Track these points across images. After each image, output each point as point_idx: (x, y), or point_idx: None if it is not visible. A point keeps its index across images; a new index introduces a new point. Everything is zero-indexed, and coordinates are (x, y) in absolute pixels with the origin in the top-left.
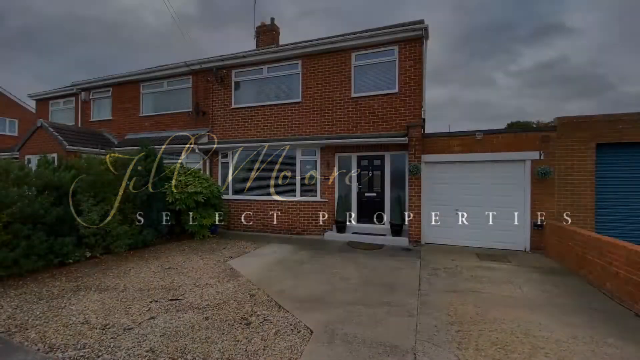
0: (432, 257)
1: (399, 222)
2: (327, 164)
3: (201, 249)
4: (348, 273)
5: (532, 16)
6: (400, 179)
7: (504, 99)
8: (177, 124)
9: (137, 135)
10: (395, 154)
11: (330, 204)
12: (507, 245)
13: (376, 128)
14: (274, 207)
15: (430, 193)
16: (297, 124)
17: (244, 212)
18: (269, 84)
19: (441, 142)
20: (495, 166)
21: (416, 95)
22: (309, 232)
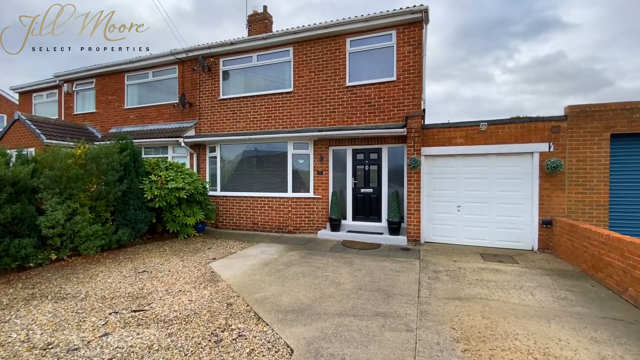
0: (432, 258)
1: (397, 220)
2: (320, 157)
3: (183, 250)
4: (340, 277)
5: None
6: (398, 174)
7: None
8: (163, 117)
9: (122, 129)
10: (393, 146)
11: (323, 200)
12: (513, 244)
13: (372, 119)
14: (264, 204)
15: (430, 188)
16: (288, 116)
17: (233, 210)
18: (258, 73)
19: (442, 134)
20: (500, 159)
21: (415, 83)
22: (301, 231)
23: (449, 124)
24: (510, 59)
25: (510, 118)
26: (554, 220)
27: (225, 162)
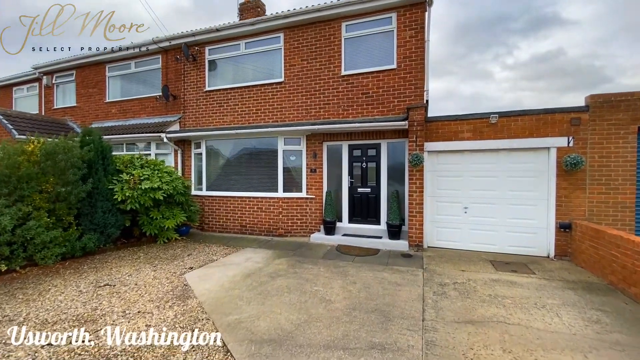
0: (437, 267)
1: (398, 223)
2: (313, 154)
3: (160, 257)
4: (332, 292)
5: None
6: (398, 172)
7: (501, 91)
8: (146, 111)
9: (103, 124)
10: (393, 142)
11: (317, 201)
12: (526, 250)
13: (370, 111)
14: (253, 205)
15: (434, 188)
16: (279, 108)
17: (220, 211)
18: (247, 62)
19: (448, 127)
20: (512, 155)
21: (418, 71)
22: (293, 234)
23: (455, 117)
24: (510, 55)
25: (524, 109)
26: (574, 223)
27: (211, 159)
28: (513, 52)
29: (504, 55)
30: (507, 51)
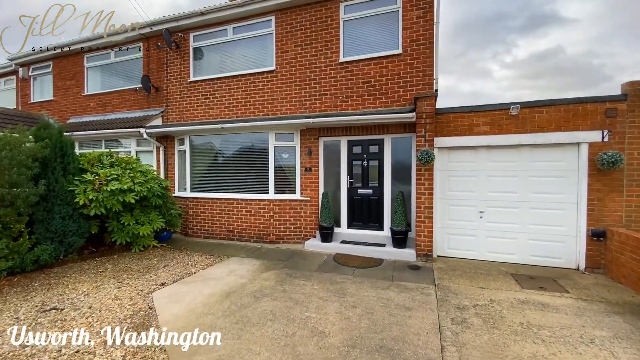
0: (451, 283)
1: (403, 229)
2: (308, 151)
3: (131, 269)
4: (326, 320)
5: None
6: (404, 171)
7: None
8: (127, 104)
9: (81, 119)
10: (398, 137)
11: (312, 203)
12: (552, 261)
13: (373, 102)
14: (241, 208)
15: (444, 189)
16: (270, 100)
17: (205, 214)
18: (235, 49)
19: (461, 120)
20: (536, 152)
21: (426, 57)
22: (285, 240)
23: (469, 108)
24: (509, 54)
25: (551, 99)
26: (609, 231)
27: (195, 157)
28: (512, 51)
29: (503, 53)
30: (505, 49)
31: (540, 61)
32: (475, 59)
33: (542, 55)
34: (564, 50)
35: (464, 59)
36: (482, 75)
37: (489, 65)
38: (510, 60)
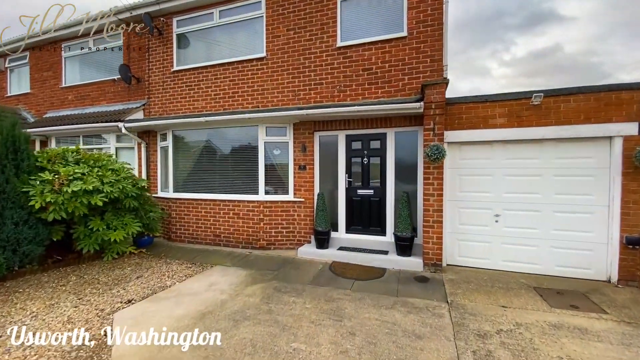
0: (467, 300)
1: (409, 234)
2: (302, 147)
3: (97, 281)
4: (318, 354)
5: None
6: (409, 169)
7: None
8: (106, 97)
9: (59, 113)
10: (402, 131)
11: (307, 205)
12: (579, 272)
13: (374, 92)
14: (228, 210)
15: (455, 190)
16: (260, 90)
17: (189, 217)
18: (222, 35)
19: (474, 111)
20: (561, 147)
21: (435, 39)
22: (277, 246)
23: (484, 97)
24: (507, 52)
25: (579, 86)
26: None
27: (179, 154)
28: (510, 49)
29: (501, 51)
30: (504, 47)
31: (539, 59)
32: (474, 57)
33: (540, 54)
34: (562, 48)
35: (462, 57)
36: (480, 73)
37: (487, 63)
38: (509, 58)
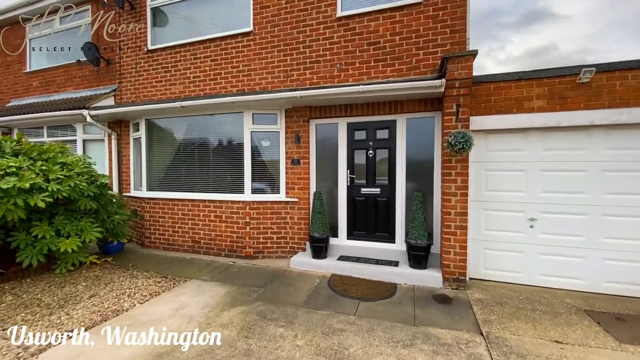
0: (506, 331)
1: (424, 242)
2: (296, 137)
3: (39, 302)
4: None
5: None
6: (424, 164)
7: None
8: (74, 82)
9: (23, 101)
10: (415, 117)
11: (301, 206)
12: (637, 289)
13: (382, 71)
14: (209, 212)
15: (481, 188)
16: (246, 71)
17: (165, 219)
18: (202, 7)
19: (506, 92)
20: (614, 136)
21: (456, 5)
22: (266, 255)
23: (518, 74)
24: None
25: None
26: None
27: (154, 147)
28: (506, 47)
29: (497, 49)
30: (500, 46)
31: (534, 58)
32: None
33: (536, 52)
34: (558, 47)
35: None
36: (476, 71)
37: (483, 62)
38: (505, 57)
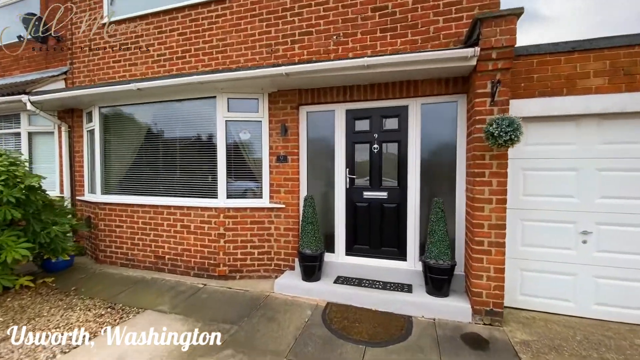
0: None
1: (448, 262)
2: (282, 129)
3: None
4: None
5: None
6: (443, 161)
7: None
8: (20, 64)
9: None
10: (432, 103)
11: (289, 214)
12: None
13: (390, 42)
14: (175, 221)
15: (517, 192)
16: (220, 47)
17: (123, 229)
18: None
19: (553, 68)
20: None
21: None
22: (245, 274)
23: (570, 45)
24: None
25: None
26: None
27: (110, 141)
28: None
29: None
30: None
31: None
32: None
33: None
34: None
35: None
36: None
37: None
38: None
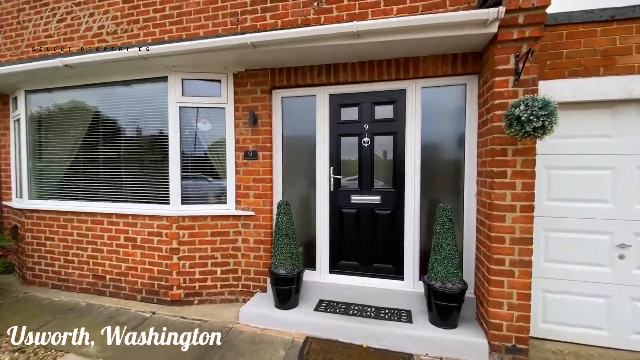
0: None
1: (458, 285)
2: (251, 118)
3: None
4: None
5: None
6: (448, 158)
7: None
8: None
9: None
10: (435, 86)
11: (260, 223)
12: None
13: (384, 10)
14: (119, 232)
15: (540, 196)
16: (175, 16)
17: (55, 243)
18: None
19: (586, 42)
20: None
21: None
22: (205, 297)
23: (608, 12)
24: None
25: None
26: None
27: (41, 133)
28: None
29: None
30: None
31: None
32: None
33: None
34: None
35: None
36: None
37: None
38: None
